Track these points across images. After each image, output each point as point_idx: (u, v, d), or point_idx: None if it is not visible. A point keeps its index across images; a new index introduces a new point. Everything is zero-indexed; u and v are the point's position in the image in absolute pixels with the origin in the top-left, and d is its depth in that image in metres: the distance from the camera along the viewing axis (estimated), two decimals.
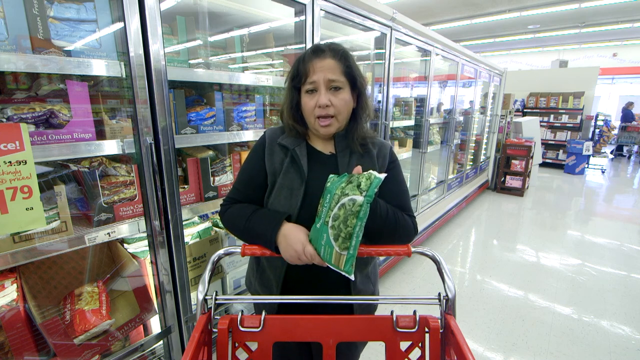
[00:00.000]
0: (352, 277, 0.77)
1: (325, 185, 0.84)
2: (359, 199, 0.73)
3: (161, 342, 1.37)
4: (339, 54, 0.90)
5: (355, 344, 1.13)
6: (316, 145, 1.00)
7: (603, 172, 7.81)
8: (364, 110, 0.98)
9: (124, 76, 1.09)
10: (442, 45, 3.22)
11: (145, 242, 1.38)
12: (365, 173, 0.77)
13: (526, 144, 5.51)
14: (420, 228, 3.26)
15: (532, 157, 5.61)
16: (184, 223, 1.32)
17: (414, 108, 3.22)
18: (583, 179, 7.09)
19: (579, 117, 7.81)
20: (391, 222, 0.89)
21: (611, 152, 9.91)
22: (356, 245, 0.76)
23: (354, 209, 0.73)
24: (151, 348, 1.35)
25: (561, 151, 8.09)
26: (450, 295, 0.80)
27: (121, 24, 1.04)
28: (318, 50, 0.91)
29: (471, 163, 5.14)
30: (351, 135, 0.97)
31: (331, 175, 0.86)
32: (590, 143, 7.36)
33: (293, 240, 0.83)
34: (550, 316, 2.38)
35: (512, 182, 5.64)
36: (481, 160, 5.48)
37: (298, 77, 0.92)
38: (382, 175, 0.74)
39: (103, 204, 1.15)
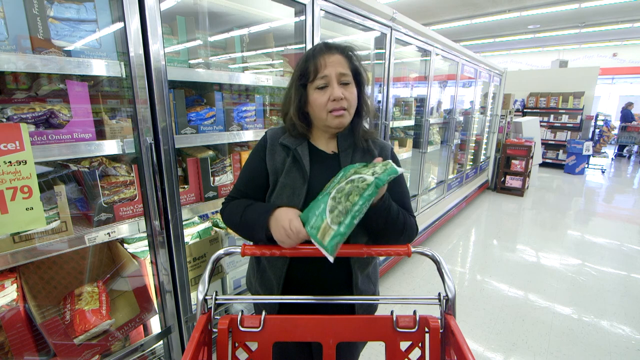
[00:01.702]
0: (331, 258, 0.72)
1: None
2: (369, 178, 0.72)
3: (161, 342, 1.37)
4: (347, 50, 0.93)
5: (355, 344, 1.13)
6: (319, 144, 1.01)
7: (603, 172, 7.81)
8: (365, 106, 0.99)
9: (124, 76, 1.09)
10: (442, 45, 3.22)
11: (145, 242, 1.38)
12: (383, 162, 0.77)
13: (526, 144, 5.50)
14: (420, 228, 3.26)
15: (532, 157, 5.60)
16: (184, 223, 1.32)
17: (414, 108, 3.22)
18: (583, 179, 7.09)
19: (579, 117, 7.81)
20: (400, 223, 0.90)
21: (613, 153, 9.90)
22: (349, 225, 0.70)
23: (361, 185, 0.72)
24: (151, 348, 1.35)
25: (561, 151, 8.09)
26: (450, 295, 0.80)
27: (121, 24, 1.04)
28: (327, 47, 0.92)
29: (471, 163, 5.13)
30: (356, 132, 0.98)
31: (349, 166, 0.86)
32: (590, 143, 7.36)
33: (282, 217, 0.83)
34: (550, 316, 2.38)
35: (512, 182, 5.64)
36: (481, 160, 5.47)
37: (306, 74, 0.91)
38: (400, 169, 0.74)
39: (103, 204, 1.15)
